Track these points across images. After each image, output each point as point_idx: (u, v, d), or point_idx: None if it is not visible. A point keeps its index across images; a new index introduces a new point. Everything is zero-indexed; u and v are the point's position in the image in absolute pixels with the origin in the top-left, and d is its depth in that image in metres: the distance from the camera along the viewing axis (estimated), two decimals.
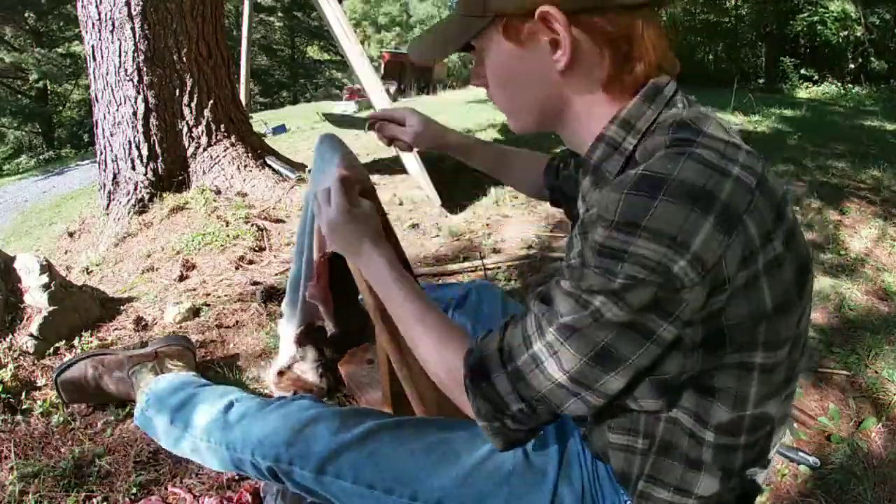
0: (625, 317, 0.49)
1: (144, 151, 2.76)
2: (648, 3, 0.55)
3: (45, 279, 1.57)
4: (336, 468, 0.76)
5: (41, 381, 1.38)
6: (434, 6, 39.77)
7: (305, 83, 26.47)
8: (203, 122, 2.89)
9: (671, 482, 0.62)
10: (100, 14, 2.65)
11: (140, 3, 2.61)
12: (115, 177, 2.82)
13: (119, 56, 2.68)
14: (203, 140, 2.90)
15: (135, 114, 2.72)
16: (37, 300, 1.55)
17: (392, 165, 3.59)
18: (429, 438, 0.78)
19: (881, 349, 1.69)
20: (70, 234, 3.01)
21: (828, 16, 13.12)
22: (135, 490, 1.09)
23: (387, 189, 3.05)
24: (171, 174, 2.84)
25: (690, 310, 0.49)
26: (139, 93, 2.71)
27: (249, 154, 3.02)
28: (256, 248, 2.30)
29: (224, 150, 2.94)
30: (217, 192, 2.82)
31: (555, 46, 0.55)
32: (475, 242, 2.39)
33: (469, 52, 0.67)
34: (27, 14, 15.49)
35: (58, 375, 1.23)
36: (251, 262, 2.19)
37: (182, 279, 2.07)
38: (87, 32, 2.74)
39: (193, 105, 2.85)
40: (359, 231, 0.79)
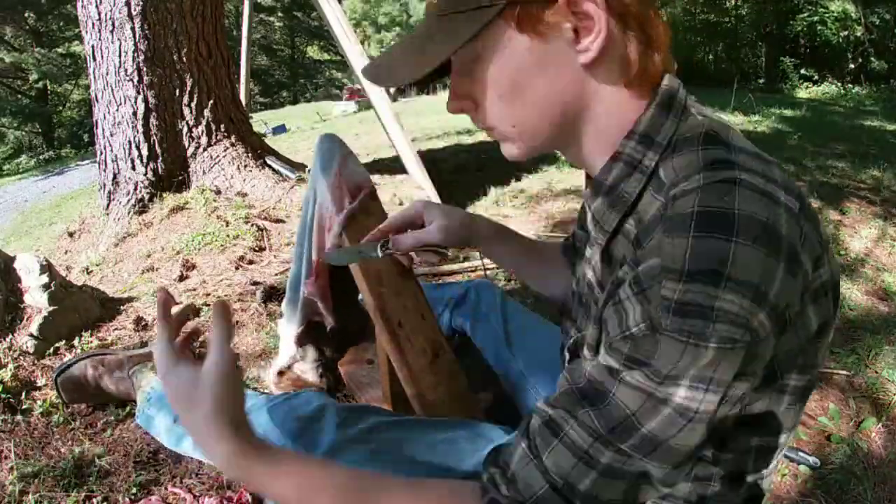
0: (711, 402, 0.42)
1: (144, 151, 2.76)
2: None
3: (45, 279, 1.57)
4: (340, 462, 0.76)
5: (41, 381, 1.38)
6: None
7: (305, 83, 26.49)
8: (203, 122, 2.89)
9: (682, 496, 0.60)
10: (100, 14, 2.65)
11: (140, 3, 2.61)
12: (115, 177, 2.82)
13: (119, 56, 2.68)
14: (203, 140, 2.90)
15: (135, 114, 2.72)
16: (37, 300, 1.55)
17: (392, 165, 3.59)
18: (431, 437, 0.78)
19: (881, 349, 1.69)
20: (70, 234, 3.01)
21: (828, 16, 13.14)
22: (135, 490, 1.08)
23: (387, 189, 3.05)
24: (171, 174, 2.84)
25: (762, 364, 0.44)
26: (139, 93, 2.71)
27: (249, 154, 3.02)
28: (256, 248, 2.30)
29: (224, 150, 2.94)
30: (217, 192, 2.82)
31: (578, 36, 0.47)
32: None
33: (440, 77, 0.54)
34: (27, 14, 15.51)
35: (58, 375, 1.23)
36: (251, 262, 2.19)
37: (182, 279, 2.07)
38: (87, 32, 2.74)
39: (193, 105, 2.85)
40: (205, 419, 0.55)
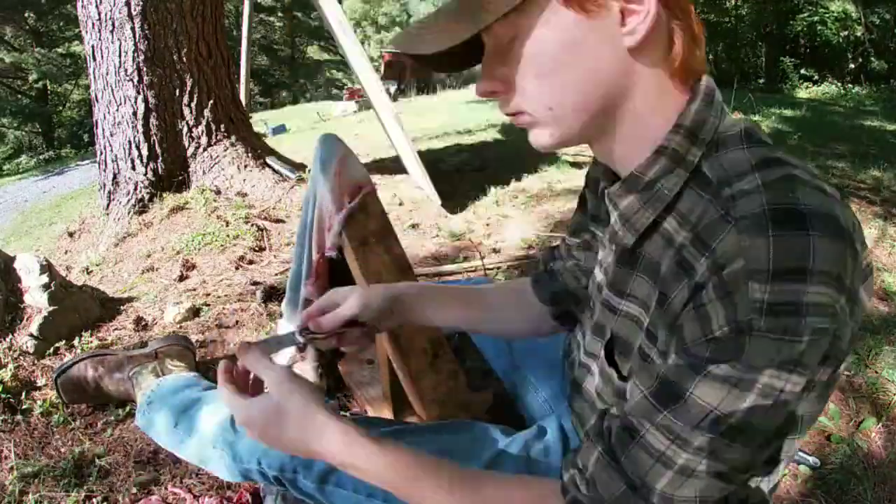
0: (798, 384, 0.42)
1: (144, 151, 2.76)
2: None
3: (45, 279, 1.57)
4: (337, 477, 0.76)
5: (41, 381, 1.38)
6: (434, 6, 39.79)
7: (305, 83, 26.49)
8: (203, 122, 2.89)
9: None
10: (100, 14, 2.65)
11: (140, 3, 2.61)
12: (115, 177, 2.82)
13: (119, 56, 2.68)
14: (203, 140, 2.90)
15: (135, 114, 2.72)
16: (37, 300, 1.55)
17: (392, 165, 3.59)
18: (430, 446, 0.78)
19: (881, 349, 1.69)
20: (70, 234, 3.01)
21: (828, 16, 13.14)
22: (135, 490, 1.09)
23: (387, 189, 3.05)
24: (171, 174, 2.84)
25: (842, 348, 0.44)
26: (139, 93, 2.71)
27: (249, 154, 3.02)
28: (256, 248, 2.30)
29: (224, 150, 2.94)
30: (217, 192, 2.82)
31: (625, 19, 0.44)
32: (475, 242, 2.39)
33: (469, 62, 0.53)
34: (27, 14, 15.51)
35: (58, 376, 1.23)
36: (251, 262, 2.19)
37: (182, 279, 2.07)
38: (87, 32, 2.74)
39: (193, 105, 2.85)
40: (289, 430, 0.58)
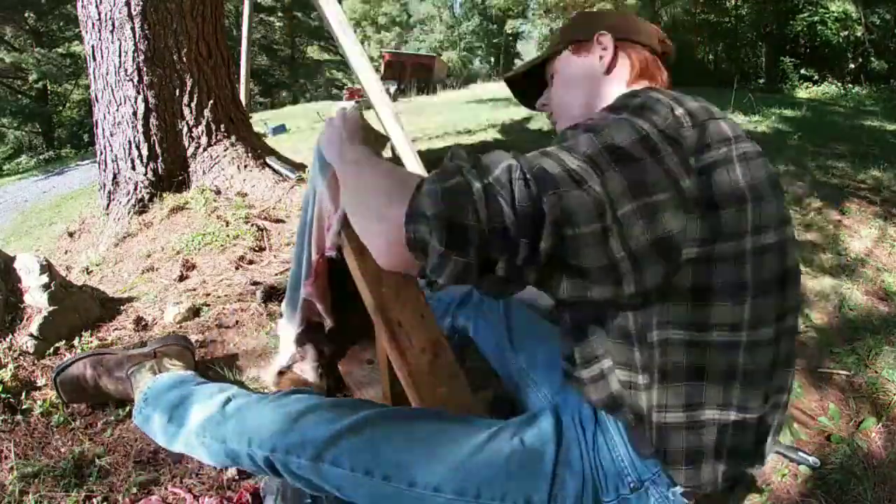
0: (642, 126, 0.60)
1: (144, 151, 2.76)
2: (661, 53, 0.86)
3: (45, 279, 1.57)
4: (333, 456, 0.76)
5: (41, 381, 1.37)
6: (434, 6, 39.76)
7: (305, 83, 26.50)
8: (203, 122, 2.89)
9: (680, 402, 0.65)
10: (100, 14, 2.65)
11: (140, 3, 2.61)
12: (115, 177, 2.82)
13: (119, 56, 2.68)
14: (203, 140, 2.90)
15: (135, 114, 2.72)
16: (37, 300, 1.55)
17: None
18: (426, 427, 0.79)
19: (881, 349, 1.69)
20: (70, 234, 3.01)
21: (828, 16, 13.13)
22: (135, 490, 1.08)
23: None
24: (171, 174, 2.84)
25: (688, 148, 0.59)
26: (139, 93, 2.71)
27: (249, 154, 3.02)
28: (256, 248, 2.30)
29: (224, 150, 2.94)
30: (217, 192, 2.82)
31: (601, 58, 0.84)
32: None
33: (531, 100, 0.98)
34: (27, 14, 15.51)
35: (57, 375, 1.23)
36: (251, 262, 2.18)
37: (182, 279, 2.07)
38: (87, 32, 2.74)
39: (193, 105, 2.85)
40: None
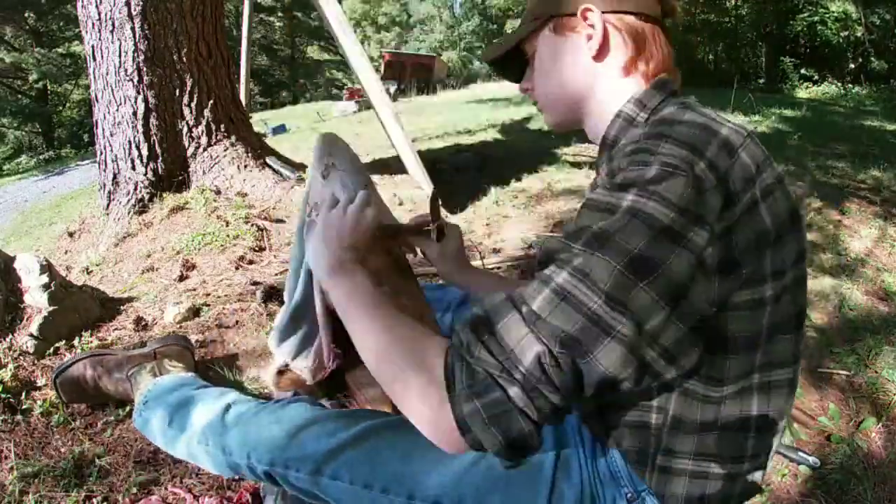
0: (658, 213, 0.51)
1: (144, 151, 2.76)
2: (660, 18, 0.72)
3: (45, 279, 1.57)
4: (332, 469, 0.76)
5: (41, 381, 1.37)
6: (434, 6, 39.76)
7: (305, 83, 26.49)
8: (203, 122, 2.89)
9: (689, 450, 0.64)
10: (100, 14, 2.65)
11: (140, 3, 2.61)
12: (115, 177, 2.82)
13: (119, 56, 2.68)
14: (203, 140, 2.90)
15: (135, 114, 2.72)
16: (37, 300, 1.55)
17: (392, 165, 3.59)
18: (425, 438, 0.78)
19: (881, 349, 1.69)
20: (70, 234, 3.00)
21: (828, 16, 13.12)
22: (135, 490, 1.08)
23: (387, 189, 3.05)
24: (171, 174, 2.84)
25: (713, 216, 0.53)
26: (139, 93, 2.71)
27: (249, 154, 3.02)
28: (256, 248, 2.30)
29: (224, 150, 2.94)
30: (217, 192, 2.82)
31: (589, 39, 0.70)
32: (475, 242, 2.39)
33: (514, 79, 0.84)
34: (27, 14, 15.50)
35: (57, 376, 1.23)
36: (251, 262, 2.18)
37: (182, 279, 2.07)
38: (87, 32, 2.74)
39: (193, 105, 2.85)
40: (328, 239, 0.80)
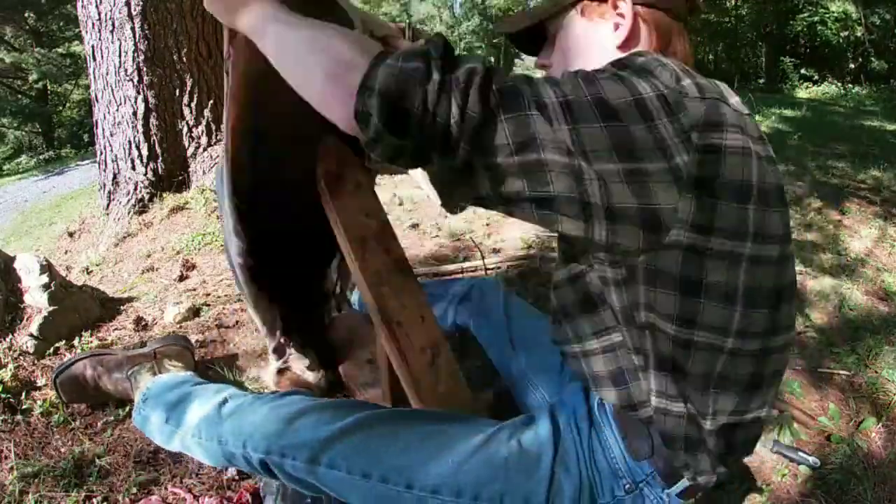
0: (640, 88, 0.54)
1: (144, 151, 2.76)
2: (685, 17, 0.73)
3: (45, 279, 1.57)
4: (329, 458, 0.76)
5: (41, 381, 1.37)
6: (434, 6, 39.76)
7: None
8: (203, 122, 2.89)
9: (674, 393, 0.64)
10: (100, 14, 2.65)
11: (140, 3, 2.61)
12: (115, 177, 2.82)
13: (119, 56, 2.68)
14: (203, 140, 2.90)
15: (135, 114, 2.72)
16: (37, 300, 1.55)
17: (391, 165, 3.58)
18: (423, 427, 0.78)
19: (881, 349, 1.69)
20: (70, 234, 3.01)
21: (828, 16, 13.11)
22: (135, 490, 1.08)
23: (387, 189, 3.05)
24: (171, 174, 2.84)
25: (690, 121, 0.54)
26: (139, 93, 2.71)
27: None
28: None
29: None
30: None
31: (616, 28, 0.70)
32: (475, 242, 2.38)
33: (532, 53, 0.84)
34: (27, 14, 15.48)
35: (57, 376, 1.23)
36: None
37: (182, 279, 2.07)
38: (87, 32, 2.74)
39: (193, 105, 2.85)
40: None
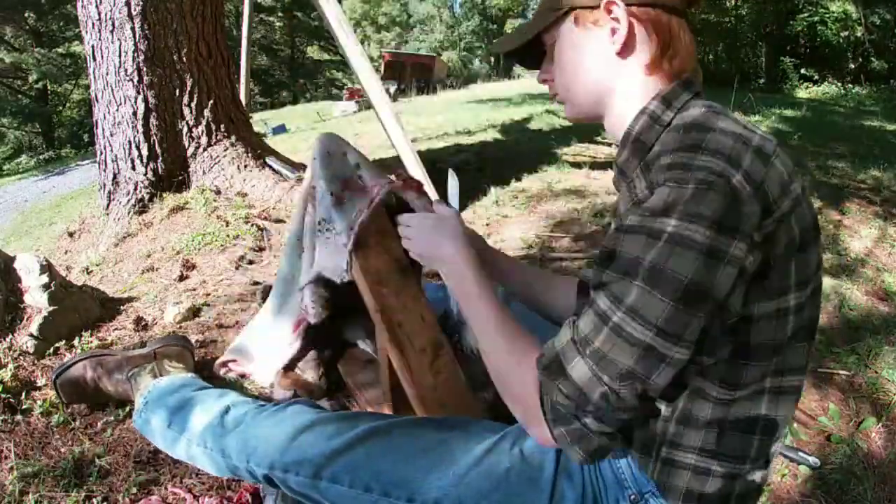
0: (700, 235, 0.52)
1: (144, 151, 2.76)
2: (684, 10, 0.69)
3: (45, 279, 1.57)
4: (332, 473, 0.76)
5: (41, 381, 1.37)
6: (434, 6, 39.77)
7: (305, 83, 26.49)
8: (203, 122, 2.89)
9: (694, 445, 0.64)
10: (100, 14, 2.65)
11: (140, 3, 2.61)
12: (115, 177, 2.82)
13: (119, 56, 2.68)
14: (203, 140, 2.90)
15: (135, 114, 2.72)
16: (37, 300, 1.55)
17: (392, 165, 3.59)
18: (424, 439, 0.78)
19: (881, 349, 1.69)
20: (70, 234, 3.01)
21: (828, 16, 13.12)
22: (135, 490, 1.08)
23: None
24: (171, 174, 2.84)
25: (751, 225, 0.53)
26: (139, 93, 2.71)
27: (249, 154, 3.02)
28: (256, 248, 2.30)
29: (224, 150, 2.94)
30: (217, 192, 2.82)
31: (613, 33, 0.68)
32: None
33: (531, 66, 0.82)
34: (27, 14, 15.50)
35: (56, 377, 1.23)
36: (251, 262, 2.19)
37: (182, 279, 2.07)
38: (87, 32, 2.74)
39: (193, 105, 2.85)
40: (441, 235, 0.85)
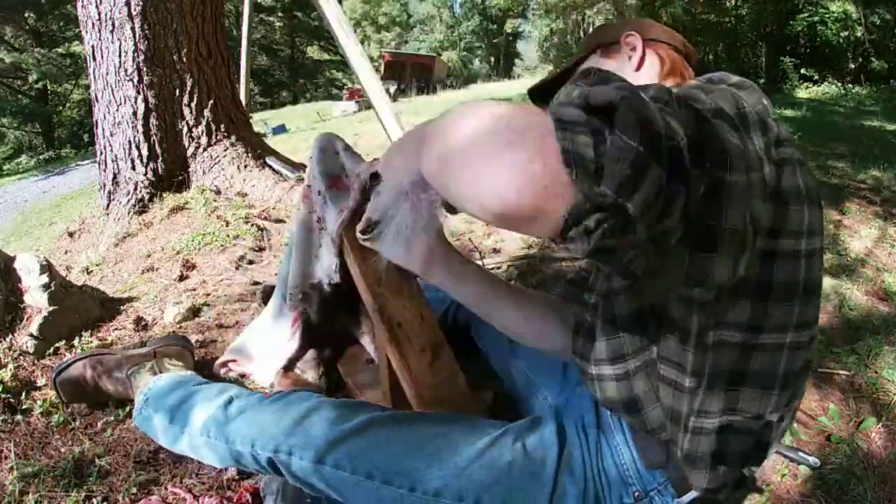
0: (744, 103, 0.55)
1: (144, 151, 2.76)
2: (686, 54, 0.92)
3: (45, 279, 1.57)
4: (335, 458, 0.76)
5: (41, 381, 1.37)
6: (434, 6, 39.79)
7: (305, 83, 26.52)
8: (203, 122, 2.89)
9: (718, 407, 0.62)
10: (100, 14, 2.65)
11: (140, 3, 2.61)
12: (115, 177, 2.82)
13: (119, 56, 2.68)
14: (203, 140, 2.90)
15: (135, 114, 2.72)
16: (37, 300, 1.55)
17: None
18: (428, 430, 0.79)
19: (881, 349, 1.69)
20: (70, 234, 3.01)
21: (828, 16, 13.12)
22: (135, 490, 1.08)
23: None
24: (171, 174, 2.84)
25: (773, 137, 0.56)
26: (139, 93, 2.71)
27: (249, 154, 3.02)
28: (256, 248, 2.30)
29: (224, 150, 2.94)
30: (217, 192, 2.82)
31: (630, 56, 0.89)
32: (475, 242, 2.38)
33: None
34: (27, 14, 15.52)
35: (56, 376, 1.23)
36: (251, 262, 2.19)
37: (182, 279, 2.07)
38: (87, 32, 2.74)
39: (193, 105, 2.85)
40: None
